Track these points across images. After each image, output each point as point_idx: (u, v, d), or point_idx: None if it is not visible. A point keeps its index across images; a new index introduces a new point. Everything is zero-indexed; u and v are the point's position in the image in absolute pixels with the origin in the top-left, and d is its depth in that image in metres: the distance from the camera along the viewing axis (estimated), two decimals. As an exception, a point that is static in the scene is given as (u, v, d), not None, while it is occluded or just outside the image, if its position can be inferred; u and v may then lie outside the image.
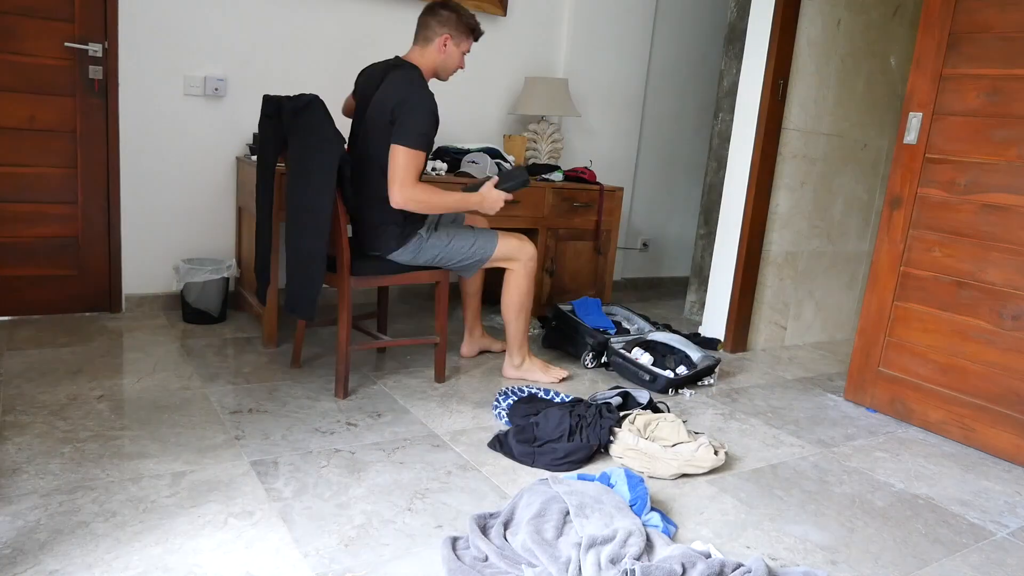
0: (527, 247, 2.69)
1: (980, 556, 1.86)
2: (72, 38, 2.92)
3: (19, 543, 1.54)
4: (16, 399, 2.25)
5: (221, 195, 3.33)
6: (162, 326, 3.08)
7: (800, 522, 1.95)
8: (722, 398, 2.85)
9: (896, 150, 2.77)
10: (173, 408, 2.28)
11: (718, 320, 3.50)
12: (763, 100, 3.24)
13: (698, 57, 4.58)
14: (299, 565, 1.56)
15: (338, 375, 2.48)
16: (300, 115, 2.38)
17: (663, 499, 1.99)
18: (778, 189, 3.40)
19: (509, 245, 2.66)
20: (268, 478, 1.91)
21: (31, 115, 2.91)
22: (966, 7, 2.57)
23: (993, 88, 2.51)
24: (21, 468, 1.84)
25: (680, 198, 4.77)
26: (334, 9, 3.39)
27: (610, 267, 3.74)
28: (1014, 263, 2.47)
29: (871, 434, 2.64)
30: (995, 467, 2.44)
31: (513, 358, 2.80)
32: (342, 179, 2.39)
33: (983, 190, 2.54)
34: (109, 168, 3.08)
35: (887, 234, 2.81)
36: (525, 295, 2.72)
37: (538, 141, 3.74)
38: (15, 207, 2.96)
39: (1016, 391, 2.47)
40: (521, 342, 2.78)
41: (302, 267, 2.41)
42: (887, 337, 2.83)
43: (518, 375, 2.80)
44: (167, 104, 3.13)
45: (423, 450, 2.16)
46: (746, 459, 2.31)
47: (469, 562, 1.57)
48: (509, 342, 2.79)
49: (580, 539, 1.62)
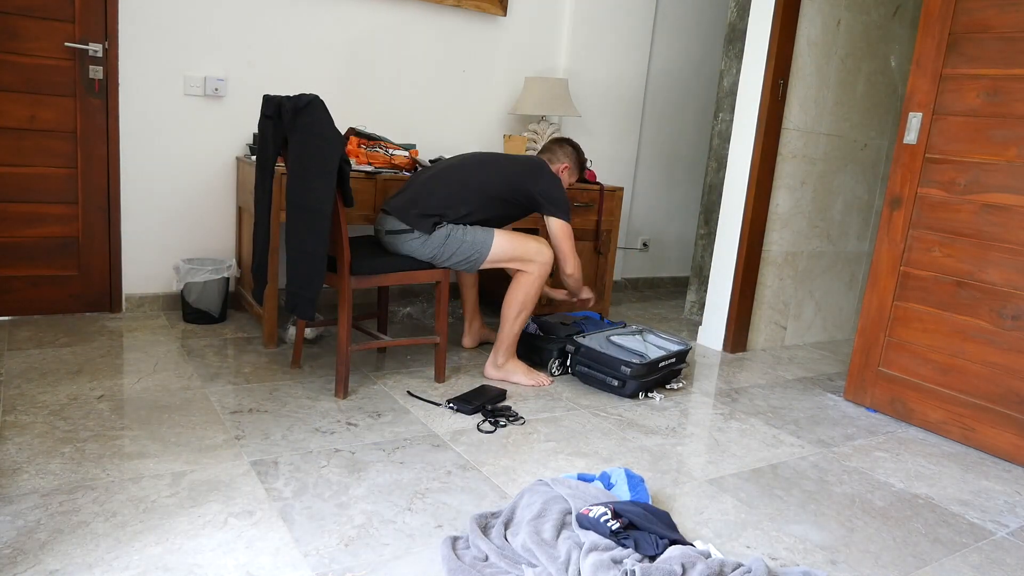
0: (546, 251, 2.71)
1: (980, 556, 1.86)
2: (72, 38, 2.92)
3: (19, 543, 1.54)
4: (16, 399, 2.25)
5: (221, 195, 3.33)
6: (162, 326, 3.08)
7: (800, 522, 1.95)
8: (722, 398, 2.85)
9: (896, 150, 2.77)
10: (173, 408, 2.29)
11: (718, 320, 3.50)
12: (763, 100, 3.25)
13: (698, 57, 4.58)
14: (299, 565, 1.56)
15: (338, 375, 2.48)
16: (300, 115, 2.38)
17: (664, 499, 2.00)
18: (778, 189, 3.40)
19: (529, 247, 2.69)
20: (268, 478, 1.91)
21: (31, 115, 2.91)
22: (966, 7, 2.57)
23: (993, 88, 2.51)
24: (21, 468, 1.84)
25: (680, 198, 4.77)
26: (334, 9, 3.39)
27: (610, 267, 3.74)
28: (1014, 263, 2.47)
29: (871, 434, 2.64)
30: (995, 467, 2.44)
31: (498, 357, 2.79)
32: (342, 179, 2.40)
33: (983, 190, 2.54)
34: (109, 168, 3.08)
35: (887, 234, 2.81)
36: (532, 298, 2.72)
37: (538, 141, 3.74)
38: (15, 207, 2.96)
39: (1016, 391, 2.47)
40: (512, 343, 2.78)
41: (302, 267, 2.41)
42: (887, 337, 2.83)
43: (500, 375, 2.79)
44: (167, 104, 3.14)
45: (423, 450, 2.16)
46: (746, 459, 2.31)
47: (469, 562, 1.57)
48: (500, 340, 2.78)
49: (580, 540, 1.62)
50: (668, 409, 2.68)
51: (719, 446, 2.39)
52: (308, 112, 2.36)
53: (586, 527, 1.65)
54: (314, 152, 2.33)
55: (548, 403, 2.62)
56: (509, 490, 1.97)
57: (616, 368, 2.69)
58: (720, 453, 2.34)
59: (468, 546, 1.63)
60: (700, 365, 3.25)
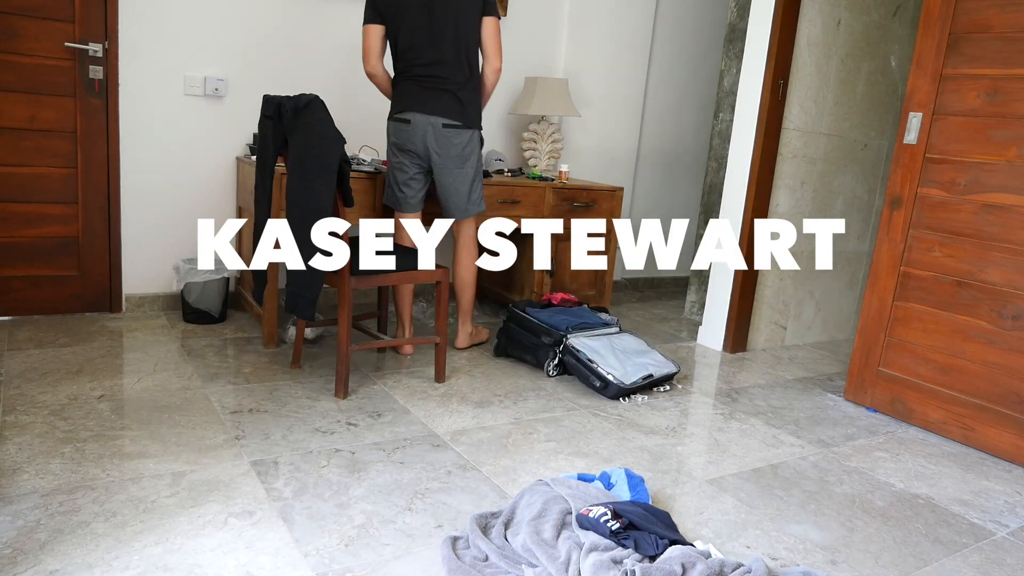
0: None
1: (980, 556, 1.86)
2: (72, 38, 2.92)
3: (19, 543, 1.54)
4: (16, 399, 2.25)
5: (221, 195, 3.33)
6: (162, 326, 3.08)
7: (800, 522, 1.95)
8: (722, 398, 2.85)
9: (896, 150, 2.77)
10: (173, 408, 2.29)
11: (718, 320, 3.50)
12: (763, 100, 3.25)
13: (698, 57, 4.58)
14: (299, 565, 1.56)
15: (338, 375, 2.48)
16: (301, 114, 2.38)
17: (664, 499, 2.00)
18: (778, 189, 3.40)
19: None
20: (268, 478, 1.91)
21: (31, 115, 2.91)
22: (966, 7, 2.57)
23: (993, 88, 2.51)
24: (21, 468, 1.84)
25: (680, 198, 4.77)
26: (334, 9, 3.39)
27: (610, 267, 3.74)
28: (1014, 263, 2.47)
29: (871, 434, 2.64)
30: (995, 467, 2.44)
31: (466, 326, 3.08)
32: (342, 179, 2.40)
33: (983, 190, 2.54)
34: (109, 168, 3.08)
35: (887, 234, 2.81)
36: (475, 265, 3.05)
37: (538, 141, 3.74)
38: (15, 207, 2.96)
39: (1016, 391, 2.47)
40: (470, 310, 3.09)
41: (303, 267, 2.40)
42: (887, 337, 2.83)
43: (469, 342, 3.12)
44: (167, 104, 3.14)
45: (423, 450, 2.16)
46: (746, 459, 2.31)
47: (469, 562, 1.57)
48: (465, 312, 3.05)
49: (580, 540, 1.62)
50: (668, 409, 2.68)
51: (719, 446, 2.39)
52: (309, 112, 2.36)
53: (586, 527, 1.65)
54: (314, 152, 2.33)
55: (548, 403, 2.62)
56: (509, 490, 1.97)
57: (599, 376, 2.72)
58: (720, 453, 2.34)
59: (468, 546, 1.63)
60: (700, 365, 3.25)
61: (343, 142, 2.33)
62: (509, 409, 2.53)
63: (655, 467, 2.19)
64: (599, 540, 1.60)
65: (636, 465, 2.20)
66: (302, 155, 2.37)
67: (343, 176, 2.40)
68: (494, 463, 2.12)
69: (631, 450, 2.30)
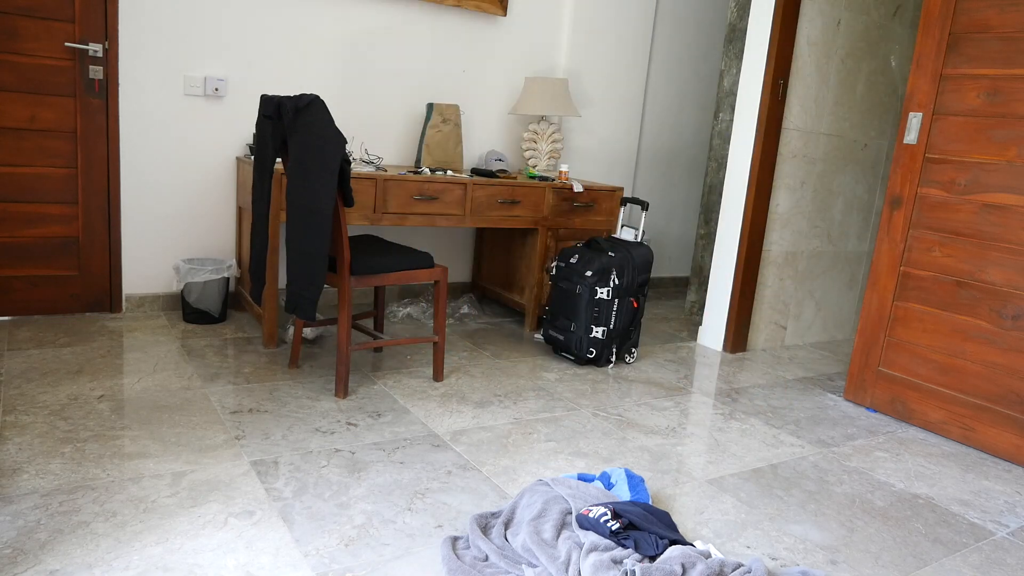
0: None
1: (980, 556, 1.86)
2: (72, 38, 2.92)
3: (19, 543, 1.54)
4: (17, 399, 2.25)
5: (221, 195, 3.33)
6: (162, 326, 3.09)
7: (800, 522, 1.95)
8: (722, 398, 2.85)
9: (896, 150, 2.78)
10: (173, 408, 2.29)
11: (718, 320, 3.50)
12: (763, 100, 3.25)
13: (698, 57, 4.58)
14: (299, 565, 1.56)
15: (338, 375, 2.48)
16: (301, 115, 2.38)
17: (664, 499, 2.00)
18: (778, 189, 3.40)
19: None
20: (268, 478, 1.91)
21: (31, 115, 2.91)
22: (966, 7, 2.57)
23: (993, 88, 2.51)
24: (22, 468, 1.84)
25: (680, 198, 4.77)
26: (334, 9, 3.39)
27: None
28: (1014, 263, 2.47)
29: (871, 434, 2.64)
30: (995, 467, 2.44)
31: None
32: (342, 179, 2.40)
33: (983, 190, 2.54)
34: (109, 168, 3.08)
35: (887, 234, 2.81)
36: None
37: (538, 141, 3.74)
38: (15, 207, 2.96)
39: (1016, 391, 2.47)
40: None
41: (303, 267, 2.40)
42: (887, 337, 2.83)
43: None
44: (167, 104, 3.14)
45: (423, 450, 2.16)
46: (746, 459, 2.31)
47: (469, 562, 1.57)
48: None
49: (580, 540, 1.62)
50: (668, 409, 2.68)
51: (719, 446, 2.39)
52: (309, 112, 2.36)
53: (586, 527, 1.65)
54: (315, 152, 2.33)
55: (548, 403, 2.62)
56: (509, 490, 1.97)
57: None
58: (720, 453, 2.34)
59: (468, 546, 1.63)
60: (700, 365, 3.25)
61: (344, 142, 2.33)
62: (509, 409, 2.53)
63: (655, 467, 2.19)
64: (599, 540, 1.60)
65: (636, 465, 2.20)
66: (303, 155, 2.37)
67: (343, 176, 2.40)
68: (494, 463, 2.12)
69: (631, 450, 2.30)
